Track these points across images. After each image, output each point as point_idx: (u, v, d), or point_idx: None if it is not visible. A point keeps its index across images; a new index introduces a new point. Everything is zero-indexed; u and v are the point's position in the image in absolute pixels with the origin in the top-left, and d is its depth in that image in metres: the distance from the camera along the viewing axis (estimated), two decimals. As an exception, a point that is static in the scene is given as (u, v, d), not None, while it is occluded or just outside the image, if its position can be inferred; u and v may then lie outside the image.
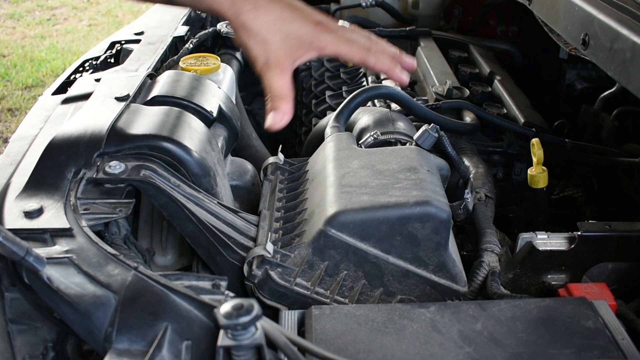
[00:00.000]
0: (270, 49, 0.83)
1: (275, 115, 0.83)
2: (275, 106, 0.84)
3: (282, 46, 0.83)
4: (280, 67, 0.84)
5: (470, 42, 1.93)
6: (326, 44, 0.86)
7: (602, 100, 1.50)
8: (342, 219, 0.87)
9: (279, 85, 0.84)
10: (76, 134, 0.98)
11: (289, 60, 0.84)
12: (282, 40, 0.83)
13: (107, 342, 0.70)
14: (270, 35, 0.83)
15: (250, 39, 0.83)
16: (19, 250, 0.71)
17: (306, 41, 0.85)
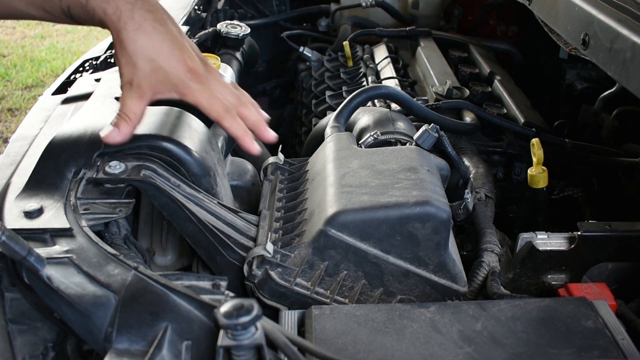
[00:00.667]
0: (137, 74, 0.84)
1: (112, 131, 0.84)
2: (117, 123, 0.85)
3: (148, 76, 0.84)
4: (139, 92, 0.85)
5: (470, 42, 1.93)
6: (189, 92, 0.87)
7: (602, 100, 1.50)
8: (342, 219, 0.87)
9: (131, 108, 0.85)
10: (76, 134, 0.98)
11: (150, 90, 0.85)
12: (150, 71, 0.84)
13: (107, 342, 0.70)
14: (142, 62, 0.83)
15: (123, 57, 0.84)
16: (20, 250, 0.71)
17: (172, 82, 0.86)
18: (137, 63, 0.84)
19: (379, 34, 1.95)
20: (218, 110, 0.89)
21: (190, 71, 0.87)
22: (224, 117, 0.89)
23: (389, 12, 2.16)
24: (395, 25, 2.15)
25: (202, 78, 0.88)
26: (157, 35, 0.85)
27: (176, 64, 0.86)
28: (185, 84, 0.86)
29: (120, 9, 0.83)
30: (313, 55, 1.95)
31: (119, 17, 0.83)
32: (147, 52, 0.84)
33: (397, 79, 1.61)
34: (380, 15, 2.18)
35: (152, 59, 0.84)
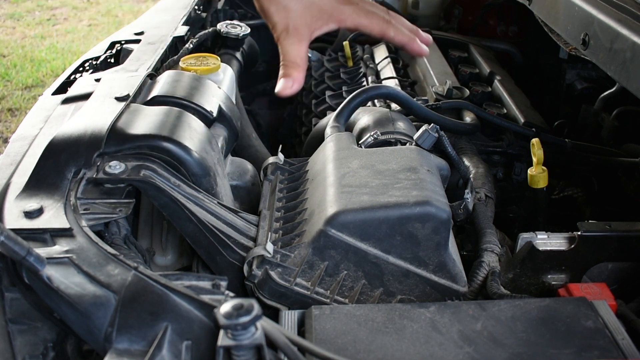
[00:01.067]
0: (291, 17, 0.83)
1: (286, 82, 0.83)
2: (287, 73, 0.83)
3: (303, 15, 0.83)
4: (298, 35, 0.84)
5: (470, 42, 1.93)
6: (347, 16, 0.85)
7: (602, 100, 1.49)
8: (342, 219, 0.87)
9: (294, 53, 0.83)
10: (76, 134, 0.98)
11: (307, 29, 0.84)
12: (303, 9, 0.83)
13: (107, 342, 0.70)
14: (293, 3, 0.82)
15: (272, 4, 0.84)
16: (20, 250, 0.71)
17: (327, 12, 0.84)
18: (289, 5, 0.82)
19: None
20: (380, 24, 0.87)
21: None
22: (388, 28, 0.87)
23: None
24: (395, 25, 2.15)
25: (352, 0, 0.86)
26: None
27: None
28: (340, 10, 0.85)
29: None
30: (313, 55, 1.94)
31: None
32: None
33: (397, 79, 1.61)
34: (380, 15, 2.18)
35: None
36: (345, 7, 0.85)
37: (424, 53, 0.90)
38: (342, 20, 0.85)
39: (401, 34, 0.88)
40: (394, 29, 0.88)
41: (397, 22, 0.92)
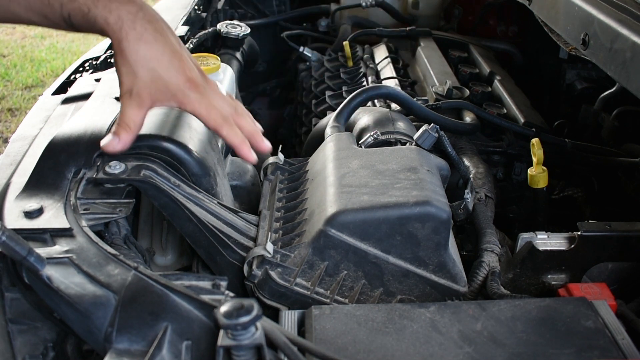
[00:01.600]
0: (136, 83, 0.85)
1: (113, 140, 0.85)
2: (117, 132, 0.86)
3: (148, 85, 0.85)
4: (139, 101, 0.86)
5: (470, 42, 1.93)
6: (187, 102, 0.87)
7: (602, 100, 1.49)
8: (342, 219, 0.87)
9: (130, 116, 0.86)
10: (76, 134, 0.98)
11: (149, 99, 0.86)
12: (150, 80, 0.85)
13: (107, 342, 0.70)
14: (142, 71, 0.84)
15: (123, 66, 0.85)
16: (21, 250, 0.71)
17: (171, 92, 0.86)
18: (138, 72, 0.84)
19: (379, 34, 1.95)
20: (216, 119, 0.89)
21: (189, 81, 0.88)
22: (222, 125, 0.89)
23: (389, 12, 2.16)
24: (395, 25, 2.15)
25: (200, 88, 0.88)
26: (158, 45, 0.85)
27: (176, 74, 0.86)
28: (184, 94, 0.87)
29: (122, 19, 0.83)
30: (313, 55, 1.94)
31: (120, 27, 0.83)
32: (148, 62, 0.85)
33: (397, 79, 1.61)
34: (380, 15, 2.18)
35: (152, 69, 0.85)
36: (190, 93, 0.87)
37: (251, 160, 0.92)
38: (183, 104, 0.88)
39: (232, 136, 0.90)
40: (227, 129, 0.90)
41: (239, 120, 0.93)
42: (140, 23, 0.84)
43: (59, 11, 0.85)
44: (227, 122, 0.90)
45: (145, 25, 0.85)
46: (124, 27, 0.83)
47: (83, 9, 0.84)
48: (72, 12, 0.85)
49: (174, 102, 0.88)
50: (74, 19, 0.86)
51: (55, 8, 0.85)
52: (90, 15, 0.84)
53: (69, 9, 0.85)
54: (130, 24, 0.83)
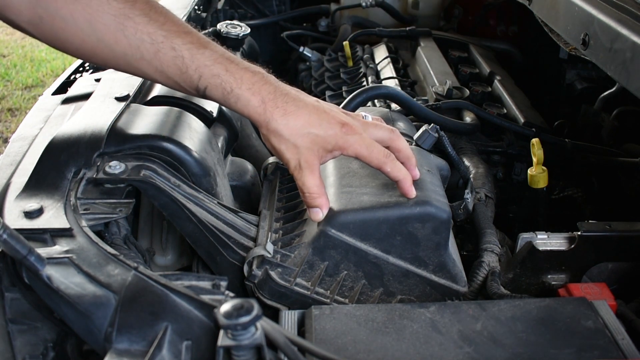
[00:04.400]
0: (300, 152, 0.87)
1: (316, 212, 0.88)
2: (313, 204, 0.88)
3: (310, 149, 0.87)
4: (310, 167, 0.87)
5: (470, 42, 1.93)
6: (349, 145, 0.88)
7: (602, 100, 1.49)
8: (342, 219, 0.87)
9: (311, 184, 0.87)
10: (76, 134, 0.98)
11: (317, 160, 0.88)
12: (310, 143, 0.87)
13: (107, 342, 0.70)
14: (300, 139, 0.86)
15: (281, 144, 0.87)
16: (21, 248, 0.71)
17: (332, 143, 0.88)
18: (297, 142, 0.86)
19: (379, 34, 1.95)
20: (379, 157, 0.89)
21: (344, 126, 0.88)
22: (385, 163, 0.89)
23: (389, 12, 2.16)
24: (395, 25, 2.15)
25: (355, 129, 0.89)
26: (302, 111, 0.87)
27: (329, 126, 0.88)
28: (344, 140, 0.88)
29: (265, 101, 0.85)
30: (313, 55, 1.94)
31: (264, 109, 0.85)
32: (301, 129, 0.86)
33: (397, 79, 1.61)
34: (380, 15, 2.18)
35: (307, 133, 0.87)
36: (349, 137, 0.88)
37: (411, 196, 0.90)
38: (345, 149, 0.89)
39: (397, 171, 0.90)
40: (390, 164, 0.90)
41: (397, 144, 0.94)
42: (280, 99, 0.86)
43: (196, 83, 0.87)
44: (389, 158, 0.90)
45: (284, 98, 0.87)
46: (267, 108, 0.85)
47: (225, 87, 0.86)
48: (210, 86, 0.86)
49: (337, 151, 0.89)
50: (210, 93, 0.87)
51: (193, 79, 0.86)
52: (232, 95, 0.86)
53: (207, 83, 0.86)
54: (272, 103, 0.86)
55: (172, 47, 0.85)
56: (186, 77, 0.87)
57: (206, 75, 0.86)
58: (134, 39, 0.85)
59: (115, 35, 0.85)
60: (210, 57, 0.86)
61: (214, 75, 0.86)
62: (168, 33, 0.85)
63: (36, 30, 0.90)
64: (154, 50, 0.85)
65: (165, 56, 0.85)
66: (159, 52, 0.85)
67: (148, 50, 0.85)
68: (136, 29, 0.84)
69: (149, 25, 0.84)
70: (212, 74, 0.86)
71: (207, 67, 0.86)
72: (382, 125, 0.95)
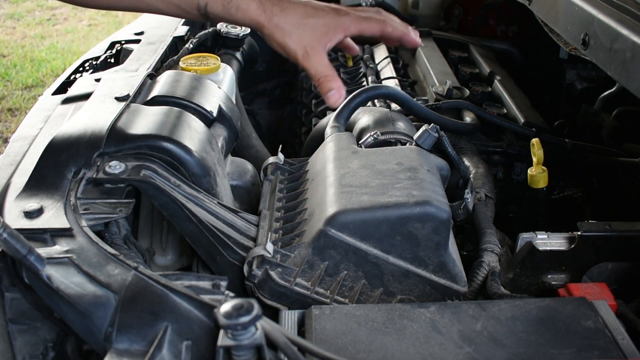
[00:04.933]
0: (304, 40, 0.93)
1: (333, 95, 0.94)
2: (328, 87, 0.94)
3: (313, 35, 0.94)
4: (316, 52, 0.94)
5: (470, 42, 1.93)
6: (348, 25, 0.96)
7: (602, 100, 1.49)
8: (342, 219, 0.87)
9: (322, 68, 0.94)
10: (76, 134, 0.98)
11: (321, 45, 0.95)
12: (312, 30, 0.93)
13: (107, 342, 0.70)
14: (301, 29, 0.93)
15: (286, 37, 0.93)
16: (22, 248, 0.71)
17: (332, 26, 0.95)
18: (299, 32, 0.93)
19: (379, 34, 1.94)
20: (379, 24, 0.98)
21: (337, 11, 0.97)
22: (385, 26, 0.98)
23: (389, 12, 2.14)
24: (395, 25, 2.15)
25: (348, 11, 0.98)
26: (296, 5, 0.94)
27: (325, 13, 0.95)
28: (342, 21, 0.96)
29: (262, 2, 0.92)
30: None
31: (263, 9, 0.92)
32: (301, 20, 0.93)
33: (397, 79, 1.61)
34: (380, 15, 2.17)
35: (306, 23, 0.93)
36: (345, 17, 0.96)
37: (418, 43, 1.02)
38: (346, 29, 0.96)
39: (397, 29, 1.00)
40: (390, 25, 0.99)
41: (390, 19, 1.04)
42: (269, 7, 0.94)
43: (196, 1, 0.93)
44: (385, 21, 0.99)
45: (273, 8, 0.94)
46: (266, 8, 0.92)
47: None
48: (211, 2, 0.93)
49: (339, 34, 0.96)
50: (212, 9, 0.94)
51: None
52: (232, 4, 0.92)
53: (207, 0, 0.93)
54: (270, 3, 0.94)
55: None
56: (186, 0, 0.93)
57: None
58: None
59: None
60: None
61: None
62: None
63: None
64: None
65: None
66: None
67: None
68: None
69: None
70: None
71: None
72: (367, 7, 1.05)
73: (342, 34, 0.95)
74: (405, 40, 0.99)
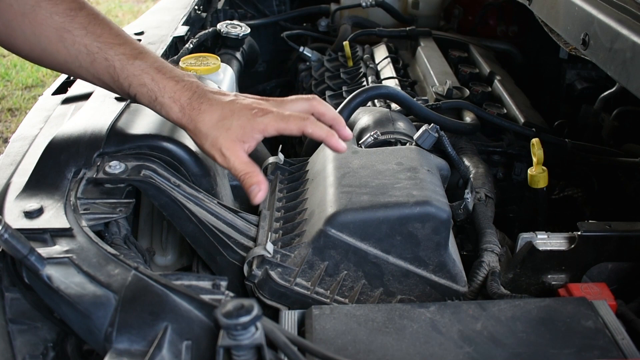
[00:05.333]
0: (219, 142, 0.92)
1: (253, 190, 0.91)
2: (249, 182, 0.91)
3: (228, 137, 0.92)
4: (233, 151, 0.92)
5: (470, 42, 1.93)
6: (265, 126, 0.93)
7: (602, 100, 1.49)
8: (342, 219, 0.87)
9: (240, 165, 0.92)
10: (76, 134, 0.98)
11: (238, 145, 0.93)
12: (227, 133, 0.92)
13: (107, 342, 0.70)
14: (216, 131, 0.92)
15: (202, 140, 0.93)
16: (22, 248, 0.71)
17: (247, 128, 0.92)
18: (215, 135, 0.92)
19: (379, 34, 1.94)
20: (297, 123, 0.93)
21: (254, 110, 0.94)
22: (305, 125, 0.93)
23: (389, 12, 2.15)
24: (395, 25, 2.15)
25: (267, 109, 0.94)
26: (215, 107, 0.93)
27: (241, 114, 0.93)
28: (258, 122, 0.92)
29: (183, 106, 0.93)
30: (313, 55, 1.94)
31: (183, 113, 0.93)
32: (217, 123, 0.92)
33: (397, 79, 1.61)
34: (380, 15, 2.18)
35: (222, 125, 0.92)
36: (262, 118, 0.93)
37: (340, 149, 0.95)
38: (263, 130, 0.93)
39: (319, 129, 0.94)
40: (310, 125, 0.94)
41: (319, 109, 0.98)
42: (196, 102, 0.93)
43: (126, 90, 0.96)
44: (308, 120, 0.94)
45: (200, 100, 0.94)
46: (185, 112, 0.93)
47: (151, 95, 0.94)
48: (138, 94, 0.95)
49: (257, 135, 0.93)
50: (139, 100, 0.96)
51: (124, 86, 0.95)
52: (157, 102, 0.94)
53: (136, 91, 0.95)
54: (189, 107, 0.93)
55: (105, 58, 0.94)
56: (118, 84, 0.95)
57: (134, 84, 0.94)
58: (72, 50, 0.93)
59: (57, 46, 0.93)
60: (139, 68, 0.94)
61: (141, 84, 0.94)
62: (103, 45, 0.93)
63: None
64: (90, 60, 0.94)
65: (99, 65, 0.94)
66: (95, 62, 0.94)
67: (85, 60, 0.94)
68: (74, 41, 0.93)
69: (85, 38, 0.93)
70: (139, 83, 0.94)
71: (135, 76, 0.94)
72: (299, 97, 0.99)
73: (259, 134, 0.93)
74: (327, 144, 0.95)
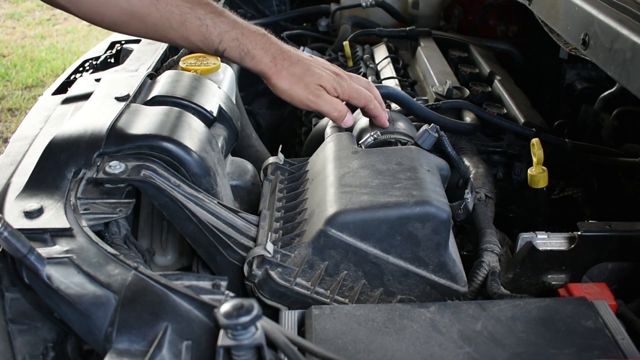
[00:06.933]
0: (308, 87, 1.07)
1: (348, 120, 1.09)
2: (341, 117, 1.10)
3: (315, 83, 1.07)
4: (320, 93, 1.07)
5: (470, 42, 1.93)
6: (343, 89, 1.09)
7: (602, 100, 1.49)
8: (342, 219, 0.87)
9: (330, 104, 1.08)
10: (76, 134, 0.98)
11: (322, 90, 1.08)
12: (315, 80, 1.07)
13: (107, 342, 0.70)
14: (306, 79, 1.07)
15: (292, 85, 1.07)
16: (22, 247, 0.71)
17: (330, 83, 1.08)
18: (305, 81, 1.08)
19: (379, 34, 1.94)
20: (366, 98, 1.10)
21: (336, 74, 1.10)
22: (370, 100, 1.10)
23: (389, 12, 2.15)
24: (395, 25, 2.15)
25: (345, 77, 1.10)
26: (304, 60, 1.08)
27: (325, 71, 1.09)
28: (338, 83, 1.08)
29: (275, 56, 1.05)
30: (313, 55, 1.94)
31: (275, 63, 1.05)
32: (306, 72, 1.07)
33: (397, 79, 1.61)
34: (380, 15, 2.18)
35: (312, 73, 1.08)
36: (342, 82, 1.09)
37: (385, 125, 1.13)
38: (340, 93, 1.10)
39: (376, 108, 1.11)
40: (372, 104, 1.11)
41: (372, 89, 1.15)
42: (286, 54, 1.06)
43: (216, 46, 1.04)
44: (371, 101, 1.09)
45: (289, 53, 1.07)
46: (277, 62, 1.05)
47: (242, 49, 1.04)
48: (229, 49, 1.04)
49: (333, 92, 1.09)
50: (229, 54, 1.05)
51: (214, 43, 1.04)
52: (248, 55, 1.04)
53: (227, 46, 1.04)
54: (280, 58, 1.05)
55: (198, 17, 1.01)
56: (208, 42, 1.03)
57: (226, 39, 1.03)
58: (164, 12, 1.00)
59: (148, 9, 1.00)
60: (228, 24, 1.03)
61: (233, 39, 1.03)
62: (192, 5, 1.01)
63: (74, 7, 1.04)
64: (181, 20, 1.01)
65: (191, 25, 1.01)
66: (186, 22, 1.01)
67: (176, 21, 1.01)
68: (167, 2, 1.00)
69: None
70: (231, 38, 1.03)
71: (227, 32, 1.03)
72: (360, 77, 1.16)
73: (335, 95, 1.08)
74: (379, 121, 1.11)
